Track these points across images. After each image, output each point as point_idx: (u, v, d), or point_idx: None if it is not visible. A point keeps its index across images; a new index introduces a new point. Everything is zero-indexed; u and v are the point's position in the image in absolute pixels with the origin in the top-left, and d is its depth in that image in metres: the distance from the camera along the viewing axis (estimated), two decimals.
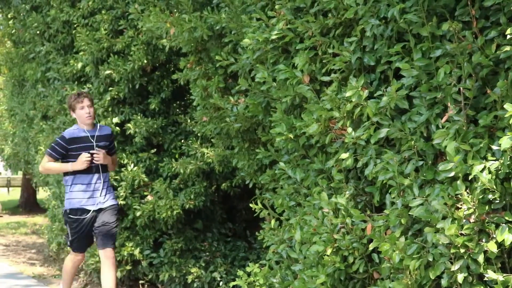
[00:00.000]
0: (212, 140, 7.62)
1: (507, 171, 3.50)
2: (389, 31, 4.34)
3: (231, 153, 7.04)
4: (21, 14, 11.25)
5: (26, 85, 12.78)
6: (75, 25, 9.58)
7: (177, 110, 9.69)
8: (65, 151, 7.18)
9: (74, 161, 7.15)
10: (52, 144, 7.28)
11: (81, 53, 9.35)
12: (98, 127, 7.42)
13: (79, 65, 9.40)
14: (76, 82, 9.81)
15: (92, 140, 7.23)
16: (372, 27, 4.39)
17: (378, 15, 4.36)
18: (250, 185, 6.89)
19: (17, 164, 18.66)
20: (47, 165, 7.29)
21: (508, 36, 3.45)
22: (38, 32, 10.55)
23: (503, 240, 3.49)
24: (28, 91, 12.52)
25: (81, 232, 7.29)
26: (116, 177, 9.02)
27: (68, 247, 8.08)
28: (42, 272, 11.46)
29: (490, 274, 3.58)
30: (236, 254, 9.19)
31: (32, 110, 12.13)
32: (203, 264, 8.90)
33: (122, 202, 8.88)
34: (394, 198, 4.19)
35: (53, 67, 10.42)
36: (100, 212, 7.26)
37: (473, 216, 3.62)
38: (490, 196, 3.60)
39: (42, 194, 22.13)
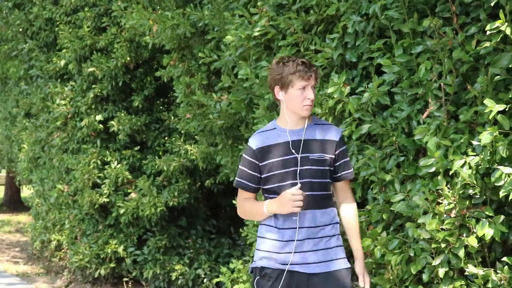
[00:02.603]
0: (195, 137, 7.62)
1: (487, 166, 3.53)
2: (371, 27, 4.37)
3: (214, 150, 7.05)
4: (4, 12, 11.18)
5: (9, 82, 12.72)
6: (57, 23, 9.55)
7: (161, 107, 9.68)
8: (259, 173, 3.87)
9: (272, 196, 3.85)
10: (240, 166, 3.97)
11: (64, 50, 9.31)
12: (310, 124, 3.87)
13: (62, 62, 9.37)
14: (59, 80, 9.78)
15: (294, 151, 3.78)
16: (353, 24, 4.42)
17: (360, 11, 4.39)
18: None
19: (0, 162, 18.56)
20: (240, 205, 4.01)
21: (488, 32, 3.47)
22: (20, 29, 10.50)
23: (484, 234, 3.51)
24: (11, 89, 12.47)
25: None
26: (100, 174, 8.99)
27: None
28: (26, 270, 11.41)
29: (471, 269, 3.61)
30: (220, 251, 9.20)
31: (15, 108, 12.07)
32: (187, 261, 8.89)
33: (106, 200, 8.86)
34: (376, 193, 4.22)
35: (36, 64, 10.38)
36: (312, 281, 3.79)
37: (453, 211, 3.64)
38: (471, 191, 3.64)
39: (26, 192, 22.04)
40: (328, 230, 3.81)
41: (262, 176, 3.86)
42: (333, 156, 3.84)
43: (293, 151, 3.77)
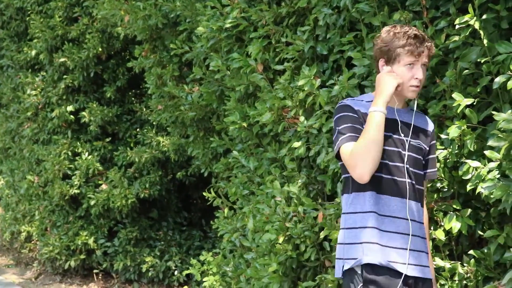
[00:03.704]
0: (167, 128, 7.59)
1: (455, 159, 3.55)
2: (342, 20, 4.37)
3: (186, 141, 7.03)
4: None
5: None
6: (29, 12, 9.45)
7: (133, 98, 9.62)
8: (360, 124, 3.26)
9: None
10: (338, 128, 3.29)
11: (35, 40, 9.23)
12: (407, 107, 3.48)
13: (33, 52, 9.28)
14: (30, 70, 9.69)
15: (401, 132, 3.31)
16: (325, 16, 4.41)
17: (331, 4, 4.39)
18: (205, 174, 6.89)
19: None
20: (350, 152, 3.17)
21: (457, 26, 3.49)
22: None
23: (451, 228, 3.54)
24: None
25: None
26: (70, 165, 8.93)
27: None
28: None
29: (438, 261, 3.64)
30: (191, 243, 9.18)
31: None
32: (158, 253, 8.87)
33: (76, 191, 8.80)
34: None
35: (6, 54, 10.27)
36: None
37: None
38: (439, 185, 3.66)
39: None
40: (424, 230, 3.35)
41: None
42: (427, 148, 3.43)
43: (401, 132, 3.30)
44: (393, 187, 3.23)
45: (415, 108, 3.38)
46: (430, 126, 3.47)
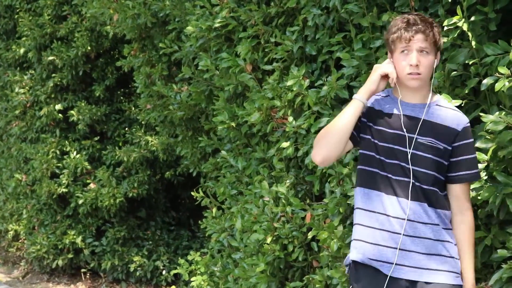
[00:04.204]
0: (156, 128, 7.58)
1: None
2: (331, 21, 4.38)
3: (175, 141, 7.02)
4: None
5: None
6: (17, 10, 9.42)
7: (121, 97, 9.61)
8: (359, 121, 3.22)
9: (368, 168, 3.22)
10: None
11: (24, 38, 9.20)
12: (432, 103, 3.20)
13: (22, 50, 9.25)
14: (18, 68, 9.66)
15: (403, 128, 3.12)
16: (314, 17, 4.42)
17: (320, 4, 4.39)
18: (194, 174, 6.88)
19: None
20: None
21: (446, 28, 3.50)
22: None
23: None
24: None
25: None
26: (58, 164, 8.90)
27: None
28: None
29: None
30: (180, 242, 9.17)
31: None
32: (146, 253, 8.85)
33: (64, 190, 8.77)
34: (333, 187, 4.23)
35: None
36: None
37: None
38: None
39: None
40: (443, 233, 3.13)
41: (361, 135, 3.22)
42: (449, 148, 3.13)
43: (403, 127, 3.12)
44: (388, 185, 3.12)
45: (428, 101, 3.19)
46: (459, 124, 3.15)
